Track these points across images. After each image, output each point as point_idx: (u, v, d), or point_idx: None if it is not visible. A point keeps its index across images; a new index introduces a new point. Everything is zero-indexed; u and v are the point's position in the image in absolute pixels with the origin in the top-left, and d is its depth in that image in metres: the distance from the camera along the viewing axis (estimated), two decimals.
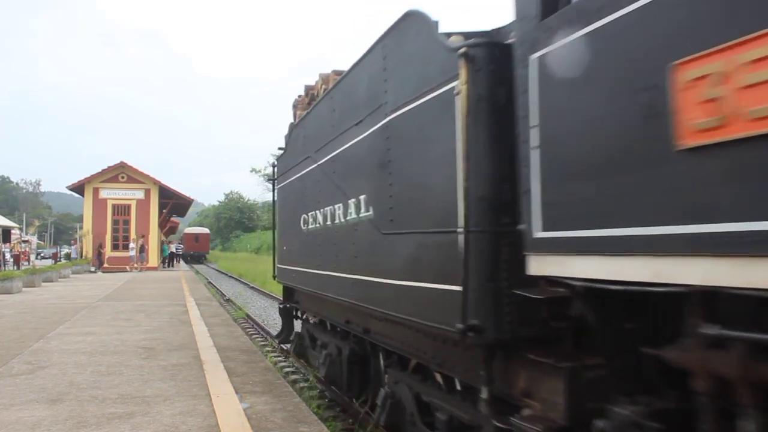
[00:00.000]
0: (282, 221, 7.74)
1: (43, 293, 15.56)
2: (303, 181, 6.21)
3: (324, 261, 5.38)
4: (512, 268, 2.73)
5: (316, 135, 5.75)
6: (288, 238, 7.19)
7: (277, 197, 8.16)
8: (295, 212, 6.50)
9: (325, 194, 5.34)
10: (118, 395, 4.74)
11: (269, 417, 4.20)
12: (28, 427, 3.91)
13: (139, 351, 6.74)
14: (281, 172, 7.78)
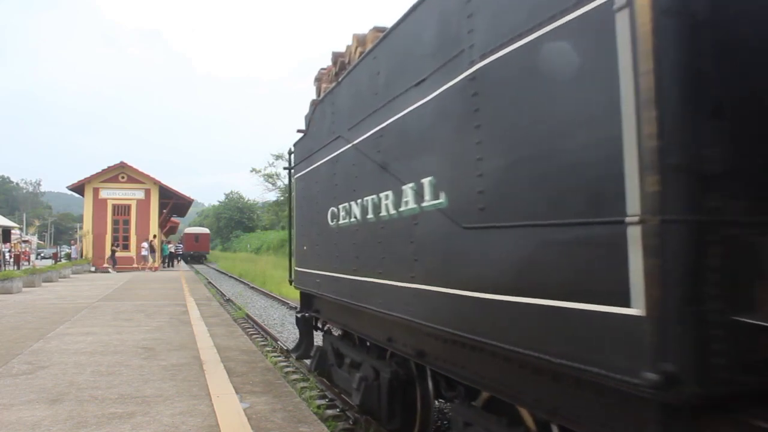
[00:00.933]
0: (302, 216, 6.49)
1: (43, 293, 15.56)
2: (331, 167, 5.11)
3: (362, 264, 4.33)
4: (727, 282, 1.82)
5: (350, 109, 4.68)
6: (310, 237, 5.99)
7: (295, 188, 6.88)
8: (320, 205, 5.42)
9: (364, 181, 4.26)
10: (118, 395, 4.74)
11: (269, 417, 4.20)
12: (28, 427, 3.91)
13: (139, 351, 6.73)
14: (300, 158, 6.46)
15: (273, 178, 63.78)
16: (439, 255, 3.13)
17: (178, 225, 62.38)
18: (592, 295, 2.07)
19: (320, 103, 5.73)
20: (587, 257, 2.12)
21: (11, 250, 35.54)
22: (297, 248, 6.77)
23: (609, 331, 1.97)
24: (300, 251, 6.56)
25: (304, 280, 6.33)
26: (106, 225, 30.18)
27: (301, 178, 6.50)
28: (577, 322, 2.12)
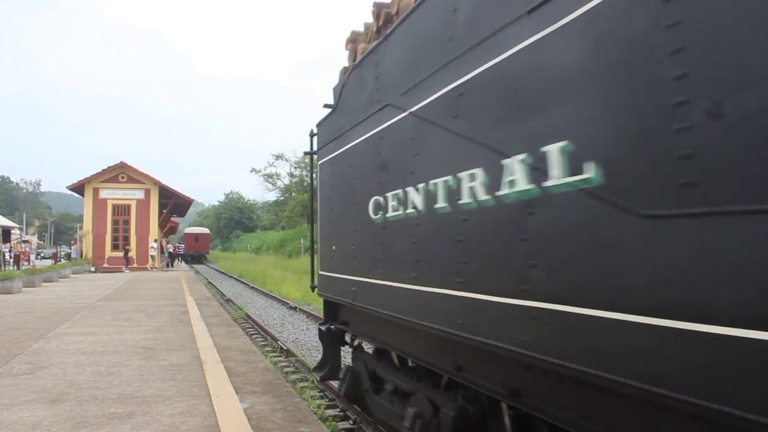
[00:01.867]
0: (330, 209, 5.32)
1: (43, 293, 15.56)
2: (375, 146, 4.10)
3: (427, 270, 3.29)
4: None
5: (405, 68, 3.68)
6: (342, 234, 4.91)
7: (319, 176, 5.74)
8: (358, 194, 4.41)
9: (429, 158, 3.28)
10: (118, 395, 4.74)
11: (269, 417, 4.20)
12: (28, 427, 3.91)
13: (139, 351, 6.73)
14: (327, 139, 5.42)
15: (273, 178, 63.88)
16: (584, 258, 2.12)
17: (178, 225, 62.38)
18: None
19: (357, 68, 4.61)
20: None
21: (12, 251, 35.57)
22: (322, 248, 5.58)
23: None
24: (326, 252, 5.41)
25: (332, 286, 5.17)
26: (106, 225, 30.19)
27: (328, 163, 5.36)
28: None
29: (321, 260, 5.67)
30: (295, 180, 61.74)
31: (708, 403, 1.63)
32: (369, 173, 4.22)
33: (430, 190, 3.23)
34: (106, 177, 30.47)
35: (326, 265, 5.44)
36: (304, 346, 10.90)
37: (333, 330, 5.66)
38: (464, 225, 2.90)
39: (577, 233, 2.16)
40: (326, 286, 5.44)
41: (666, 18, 1.78)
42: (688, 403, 1.70)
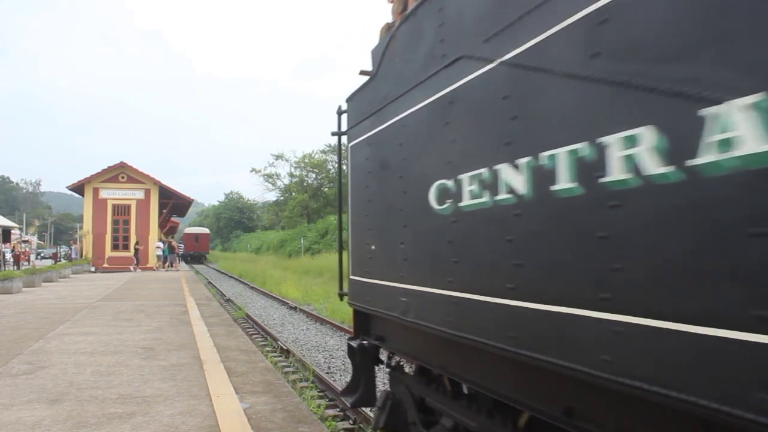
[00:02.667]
0: (365, 200, 4.46)
1: (43, 293, 15.56)
2: (439, 114, 3.23)
3: (530, 279, 2.43)
4: None
5: (490, 5, 2.81)
6: (383, 230, 4.04)
7: (350, 160, 4.88)
8: (409, 179, 3.59)
9: (542, 120, 2.41)
10: (118, 395, 4.74)
11: (269, 417, 4.20)
12: (28, 427, 3.91)
13: (139, 351, 6.74)
14: (361, 115, 4.54)
15: (273, 178, 63.85)
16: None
17: (178, 225, 62.41)
18: None
19: (408, 19, 3.74)
20: None
21: (14, 251, 35.59)
22: (355, 247, 4.74)
23: None
24: (361, 252, 4.53)
25: (368, 295, 4.29)
26: (106, 225, 30.20)
27: (364, 143, 4.47)
28: None
29: (353, 263, 4.75)
30: (295, 180, 61.74)
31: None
32: (429, 150, 3.30)
33: (543, 165, 2.32)
34: (106, 177, 30.47)
35: (360, 269, 4.52)
36: (304, 346, 10.91)
37: (366, 346, 4.66)
38: (614, 214, 1.98)
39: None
40: (360, 295, 4.54)
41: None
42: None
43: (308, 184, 59.45)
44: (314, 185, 59.11)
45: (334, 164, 59.08)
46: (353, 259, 4.78)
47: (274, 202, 68.68)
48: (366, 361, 4.78)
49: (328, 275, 25.84)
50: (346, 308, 16.53)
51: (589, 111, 2.14)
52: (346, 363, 9.36)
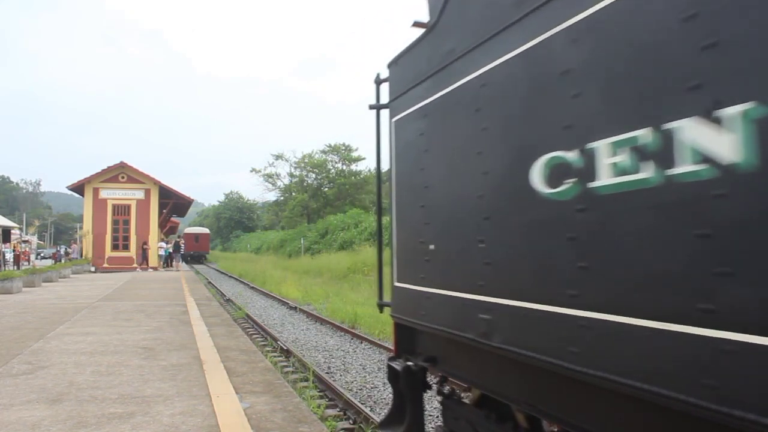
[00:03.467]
0: (420, 188, 3.60)
1: (43, 293, 15.56)
2: (547, 63, 2.43)
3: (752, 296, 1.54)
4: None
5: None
6: (449, 225, 3.23)
7: (395, 140, 4.01)
8: (495, 156, 2.77)
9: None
10: (118, 395, 4.74)
11: (269, 417, 4.20)
12: (28, 427, 3.91)
13: (139, 351, 6.73)
14: (413, 80, 3.69)
15: (273, 178, 63.85)
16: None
17: (178, 225, 62.43)
18: None
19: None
20: None
21: (14, 251, 35.59)
22: (401, 246, 3.92)
23: None
24: (411, 254, 3.70)
25: (422, 307, 3.47)
26: (106, 225, 30.20)
27: (416, 115, 3.64)
28: None
29: (398, 266, 3.93)
30: (295, 180, 61.74)
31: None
32: (531, 114, 2.49)
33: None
34: (106, 177, 30.48)
35: (411, 275, 3.69)
36: (304, 346, 10.91)
37: (412, 369, 3.81)
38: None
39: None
40: (409, 307, 3.70)
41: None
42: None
43: (308, 184, 59.44)
44: (314, 185, 59.11)
45: (334, 164, 59.12)
46: (399, 262, 3.90)
47: (274, 202, 68.69)
48: (413, 386, 3.86)
49: (328, 275, 25.85)
50: (346, 308, 16.62)
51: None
52: (346, 363, 9.36)
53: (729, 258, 1.61)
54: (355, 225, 37.31)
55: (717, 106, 1.64)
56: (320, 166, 58.76)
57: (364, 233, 33.96)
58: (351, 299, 16.42)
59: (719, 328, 1.61)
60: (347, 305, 14.82)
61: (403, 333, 3.98)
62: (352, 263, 25.66)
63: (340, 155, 58.80)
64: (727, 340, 1.58)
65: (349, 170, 58.19)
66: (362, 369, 8.92)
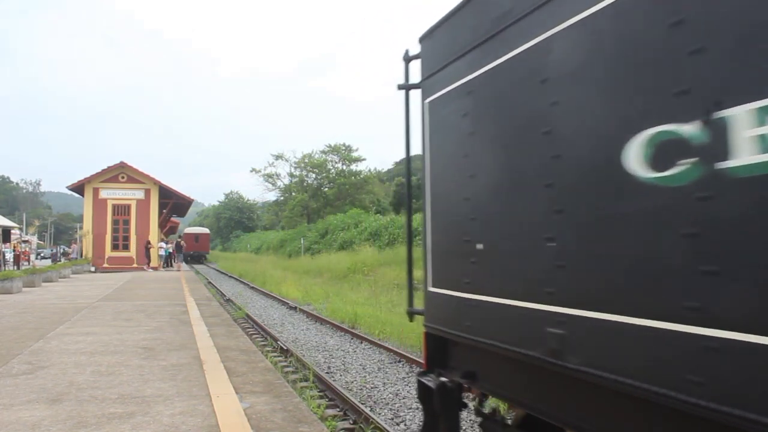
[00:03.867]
0: (461, 177, 3.14)
1: (43, 293, 15.55)
2: (645, 16, 1.90)
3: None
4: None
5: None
6: (503, 221, 2.79)
7: (431, 123, 3.52)
8: (560, 138, 2.36)
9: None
10: (118, 395, 4.74)
11: (269, 417, 4.20)
12: (28, 427, 3.91)
13: (139, 351, 6.73)
14: (451, 54, 3.23)
15: (273, 178, 63.85)
16: None
17: (178, 225, 62.43)
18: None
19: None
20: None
21: (14, 251, 35.60)
22: (437, 246, 3.45)
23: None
24: (451, 253, 3.25)
25: (467, 317, 3.03)
26: (106, 225, 30.19)
27: (457, 94, 3.16)
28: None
29: (433, 269, 3.47)
30: (295, 180, 61.74)
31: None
32: (624, 80, 2.02)
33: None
34: (106, 177, 30.47)
35: (451, 279, 3.22)
36: (304, 346, 10.92)
37: (447, 387, 3.37)
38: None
39: None
40: (448, 316, 3.27)
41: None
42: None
43: (308, 184, 59.44)
44: (314, 185, 59.12)
45: (334, 164, 59.13)
46: (435, 265, 3.43)
47: (274, 202, 68.72)
48: (448, 404, 3.42)
49: (327, 275, 25.85)
50: (346, 308, 16.58)
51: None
52: (346, 362, 9.36)
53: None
54: (355, 225, 37.33)
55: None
56: (320, 166, 58.78)
57: (364, 233, 33.97)
58: (351, 299, 16.42)
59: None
60: (347, 305, 14.82)
61: (435, 344, 3.54)
62: (352, 263, 25.66)
63: (340, 155, 58.82)
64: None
65: (349, 170, 58.20)
66: (362, 369, 8.92)
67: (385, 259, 24.92)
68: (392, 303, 14.80)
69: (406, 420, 6.34)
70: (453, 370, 3.41)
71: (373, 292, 17.20)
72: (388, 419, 6.33)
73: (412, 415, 6.49)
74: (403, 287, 17.64)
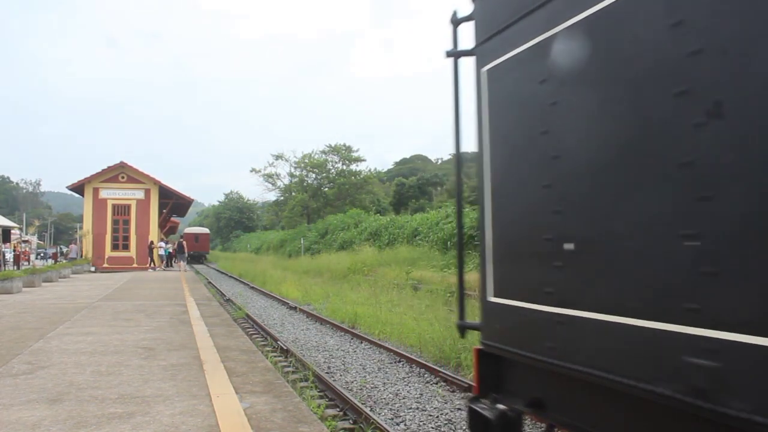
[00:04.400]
0: (541, 158, 2.53)
1: (43, 293, 15.55)
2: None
3: None
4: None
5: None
6: (609, 213, 2.13)
7: (488, 94, 2.97)
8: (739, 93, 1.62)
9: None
10: (118, 395, 4.74)
11: (269, 417, 4.20)
12: (28, 427, 3.91)
13: (139, 351, 6.73)
14: (517, 10, 2.70)
15: (273, 178, 63.84)
16: None
17: (178, 225, 62.44)
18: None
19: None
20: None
21: (14, 251, 35.60)
22: (501, 247, 2.84)
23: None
24: (524, 257, 2.69)
25: (549, 336, 2.47)
26: (106, 225, 30.20)
27: (527, 56, 2.64)
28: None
29: (496, 275, 2.86)
30: (295, 180, 61.74)
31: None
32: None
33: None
34: (106, 177, 30.47)
35: (524, 288, 2.65)
36: (304, 346, 10.92)
37: (510, 417, 2.86)
38: None
39: None
40: (522, 333, 2.68)
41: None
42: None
43: (308, 184, 59.44)
44: (314, 185, 59.11)
45: (334, 164, 59.12)
46: (498, 270, 2.82)
47: (274, 202, 68.70)
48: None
49: (327, 275, 25.85)
50: (346, 308, 16.59)
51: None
52: (346, 362, 9.36)
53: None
54: (355, 225, 37.35)
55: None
56: (320, 166, 58.77)
57: (364, 233, 34.00)
58: (351, 299, 16.42)
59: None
60: (347, 305, 14.82)
61: (489, 365, 3.01)
62: (352, 263, 25.67)
63: (340, 155, 58.82)
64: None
65: (349, 170, 58.20)
66: (362, 369, 8.92)
67: (385, 259, 24.94)
68: (392, 303, 14.80)
69: (406, 420, 6.34)
70: (512, 395, 2.87)
71: (373, 292, 17.20)
72: (388, 419, 6.33)
73: (412, 415, 6.49)
74: (403, 287, 17.65)
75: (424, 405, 6.88)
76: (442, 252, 22.80)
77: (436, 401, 7.01)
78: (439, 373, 8.04)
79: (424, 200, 51.94)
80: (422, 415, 6.50)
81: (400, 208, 52.52)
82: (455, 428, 6.05)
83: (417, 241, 26.11)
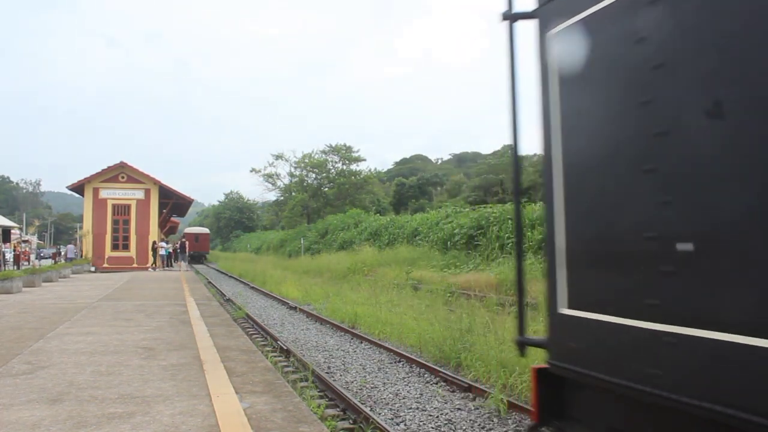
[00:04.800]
0: (640, 139, 2.00)
1: (43, 293, 15.55)
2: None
3: None
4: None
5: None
6: (751, 207, 1.60)
7: (558, 66, 2.44)
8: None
9: None
10: (118, 395, 4.74)
11: (269, 417, 4.20)
12: (28, 427, 3.91)
13: (139, 351, 6.73)
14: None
15: (273, 178, 63.82)
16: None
17: (178, 225, 62.47)
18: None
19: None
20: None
21: (15, 251, 35.61)
22: (577, 248, 2.37)
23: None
24: (612, 260, 2.20)
25: (653, 362, 1.96)
26: (106, 225, 30.20)
27: (612, 14, 2.17)
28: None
29: (570, 281, 2.40)
30: (295, 180, 61.73)
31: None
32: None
33: None
34: (106, 177, 30.47)
35: (609, 299, 2.21)
36: (304, 346, 10.92)
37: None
38: None
39: None
40: (600, 353, 2.24)
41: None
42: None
43: (308, 184, 59.44)
44: (314, 185, 59.11)
45: (334, 164, 59.13)
46: (573, 276, 2.37)
47: (274, 202, 68.71)
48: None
49: (327, 275, 25.86)
50: (346, 308, 16.58)
51: None
52: (346, 362, 9.36)
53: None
54: (355, 225, 37.35)
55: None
56: (320, 166, 58.77)
57: (364, 233, 34.00)
58: (351, 299, 16.41)
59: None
60: (347, 305, 14.82)
61: (549, 388, 2.55)
62: (352, 263, 25.67)
63: (341, 155, 58.82)
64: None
65: (349, 170, 58.20)
66: (362, 369, 8.92)
67: (384, 259, 24.94)
68: (392, 303, 14.80)
69: (406, 420, 6.34)
70: (581, 424, 2.43)
71: (373, 292, 17.19)
72: (388, 419, 6.33)
73: (412, 415, 6.49)
74: (402, 287, 17.65)
75: (424, 405, 6.87)
76: (442, 252, 22.83)
77: (436, 401, 7.01)
78: (439, 373, 8.04)
79: (424, 200, 52.01)
80: (422, 415, 6.50)
81: (400, 208, 52.59)
82: (455, 428, 6.05)
83: (417, 241, 26.13)
